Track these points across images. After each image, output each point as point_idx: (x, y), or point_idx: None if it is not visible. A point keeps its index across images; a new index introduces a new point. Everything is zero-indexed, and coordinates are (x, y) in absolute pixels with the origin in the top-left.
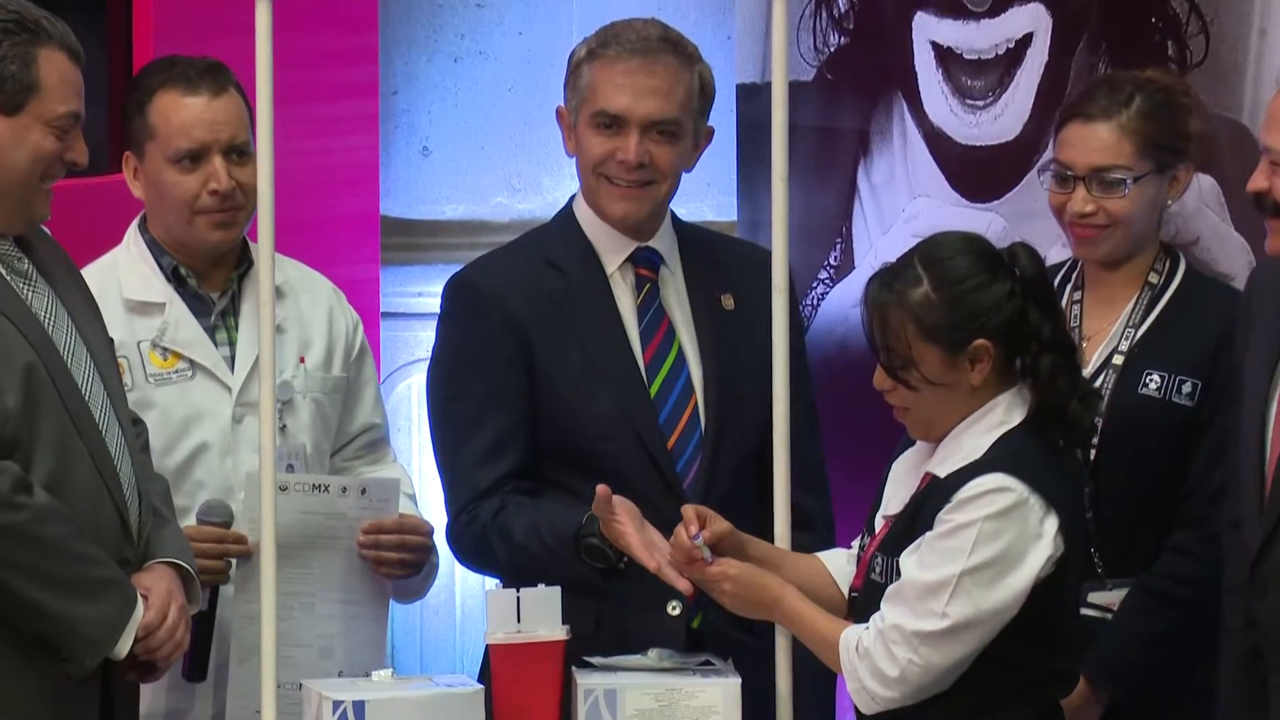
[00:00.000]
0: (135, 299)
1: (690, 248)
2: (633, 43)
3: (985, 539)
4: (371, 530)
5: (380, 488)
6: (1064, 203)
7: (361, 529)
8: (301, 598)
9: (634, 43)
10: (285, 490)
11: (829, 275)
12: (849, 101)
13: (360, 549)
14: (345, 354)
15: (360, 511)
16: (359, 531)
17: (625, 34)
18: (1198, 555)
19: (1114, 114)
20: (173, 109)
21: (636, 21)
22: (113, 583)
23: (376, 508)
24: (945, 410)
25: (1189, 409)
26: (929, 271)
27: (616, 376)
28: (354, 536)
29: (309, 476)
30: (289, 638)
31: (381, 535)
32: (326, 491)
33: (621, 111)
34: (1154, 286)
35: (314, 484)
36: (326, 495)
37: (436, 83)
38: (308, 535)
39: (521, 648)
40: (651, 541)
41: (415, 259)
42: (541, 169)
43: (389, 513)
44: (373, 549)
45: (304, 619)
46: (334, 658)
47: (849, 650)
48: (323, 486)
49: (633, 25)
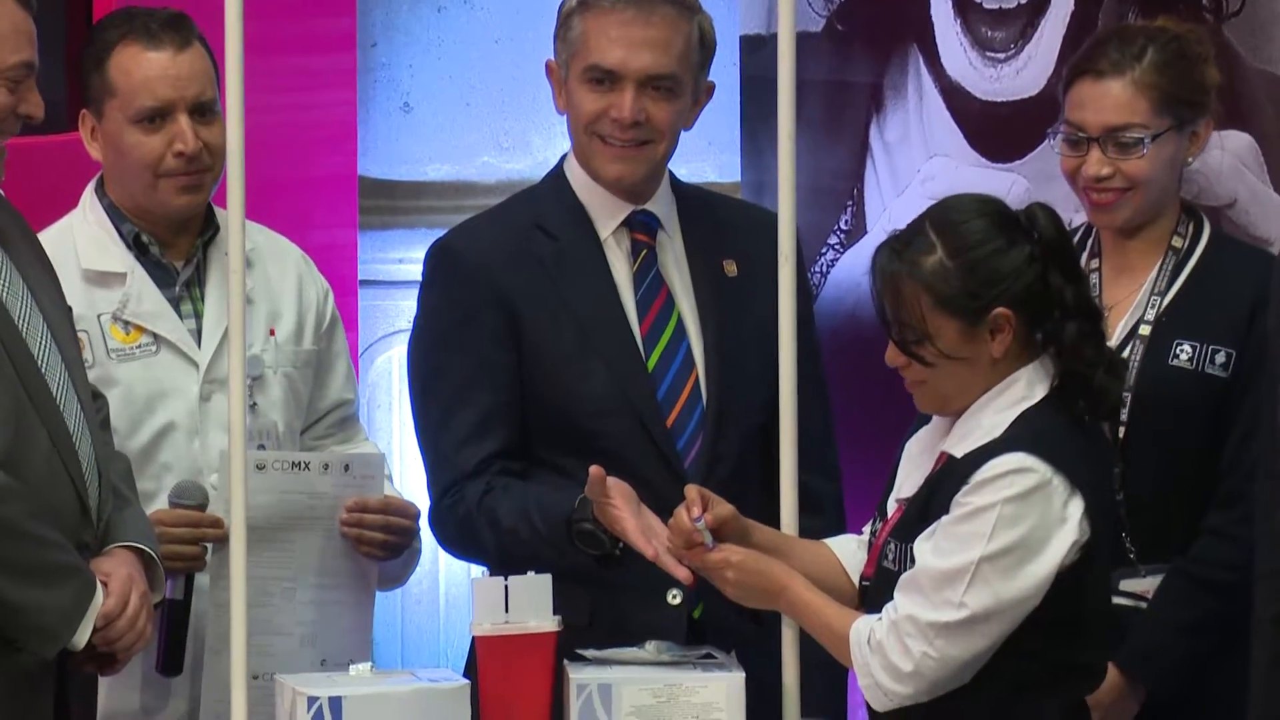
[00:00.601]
0: (94, 269)
1: (690, 211)
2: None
3: (1005, 523)
4: (355, 508)
5: (364, 464)
6: (1077, 166)
7: (345, 506)
8: (281, 583)
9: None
10: (263, 469)
11: (839, 240)
12: (860, 54)
13: (342, 526)
14: (316, 325)
15: (343, 490)
16: (341, 510)
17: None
18: (1237, 537)
19: (1126, 69)
20: (134, 64)
21: None
22: (70, 568)
23: (360, 484)
24: (963, 385)
25: (1223, 380)
26: (942, 237)
27: (611, 349)
28: (336, 517)
29: (288, 454)
30: (267, 626)
31: (365, 514)
32: (307, 469)
33: (615, 66)
34: (1178, 251)
35: (293, 462)
36: (307, 473)
37: (418, 34)
38: (288, 516)
39: (510, 640)
40: (649, 526)
41: (395, 223)
42: (531, 127)
43: (374, 490)
44: (355, 527)
45: (284, 606)
46: (316, 647)
47: (860, 643)
48: (303, 464)
49: None
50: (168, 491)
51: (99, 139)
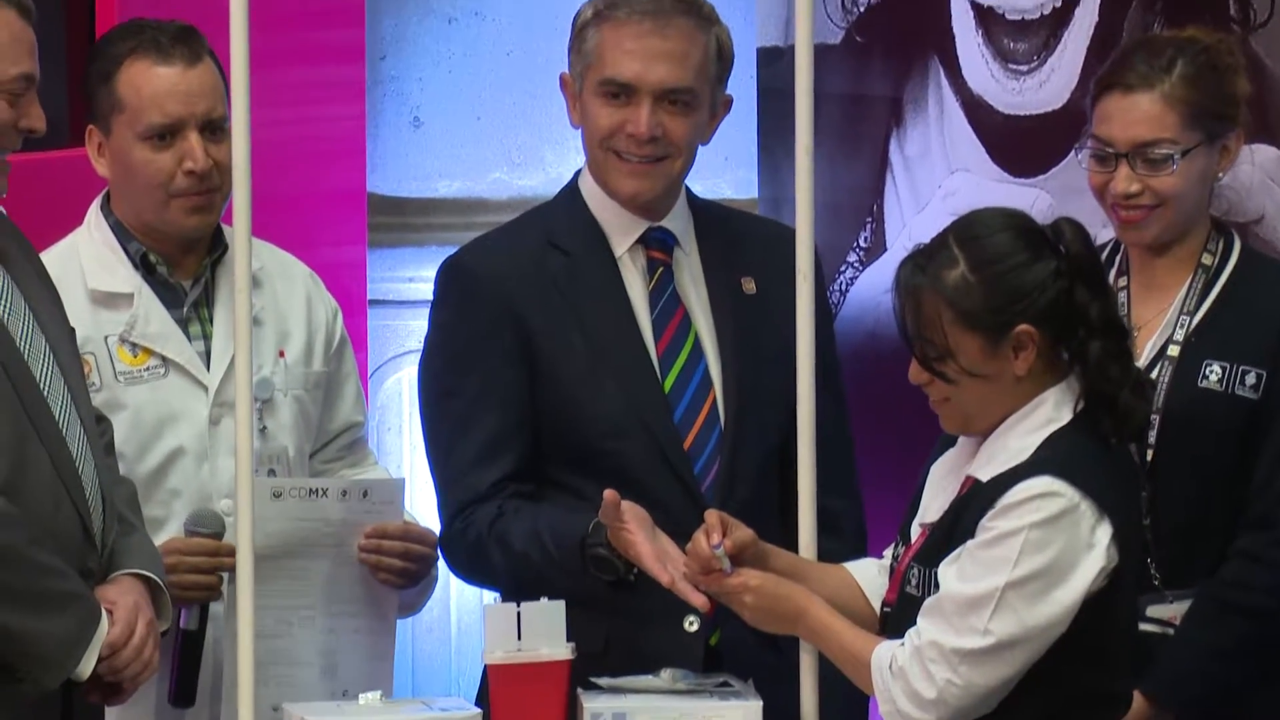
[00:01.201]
0: (100, 289)
1: (707, 227)
2: (644, 4)
3: (1032, 548)
4: (375, 535)
5: (383, 489)
6: (1106, 183)
7: (364, 533)
8: (300, 611)
9: (645, 4)
10: (280, 497)
11: (859, 258)
12: (880, 66)
13: (360, 553)
14: (325, 346)
15: (362, 516)
16: (360, 537)
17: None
18: (1269, 560)
19: (1155, 82)
20: (143, 80)
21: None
22: (74, 596)
23: (379, 511)
24: (987, 404)
25: (1254, 401)
26: (965, 251)
27: (626, 369)
28: (354, 544)
29: (304, 481)
30: (287, 656)
31: (385, 541)
32: (325, 496)
33: (632, 79)
34: (1208, 269)
35: (310, 489)
36: (325, 500)
37: (428, 46)
38: (305, 544)
39: (522, 668)
40: (664, 551)
41: (406, 240)
42: (543, 141)
43: (392, 516)
44: (374, 554)
45: (303, 635)
46: (337, 676)
47: (882, 668)
48: (320, 491)
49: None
50: (177, 517)
51: (106, 155)
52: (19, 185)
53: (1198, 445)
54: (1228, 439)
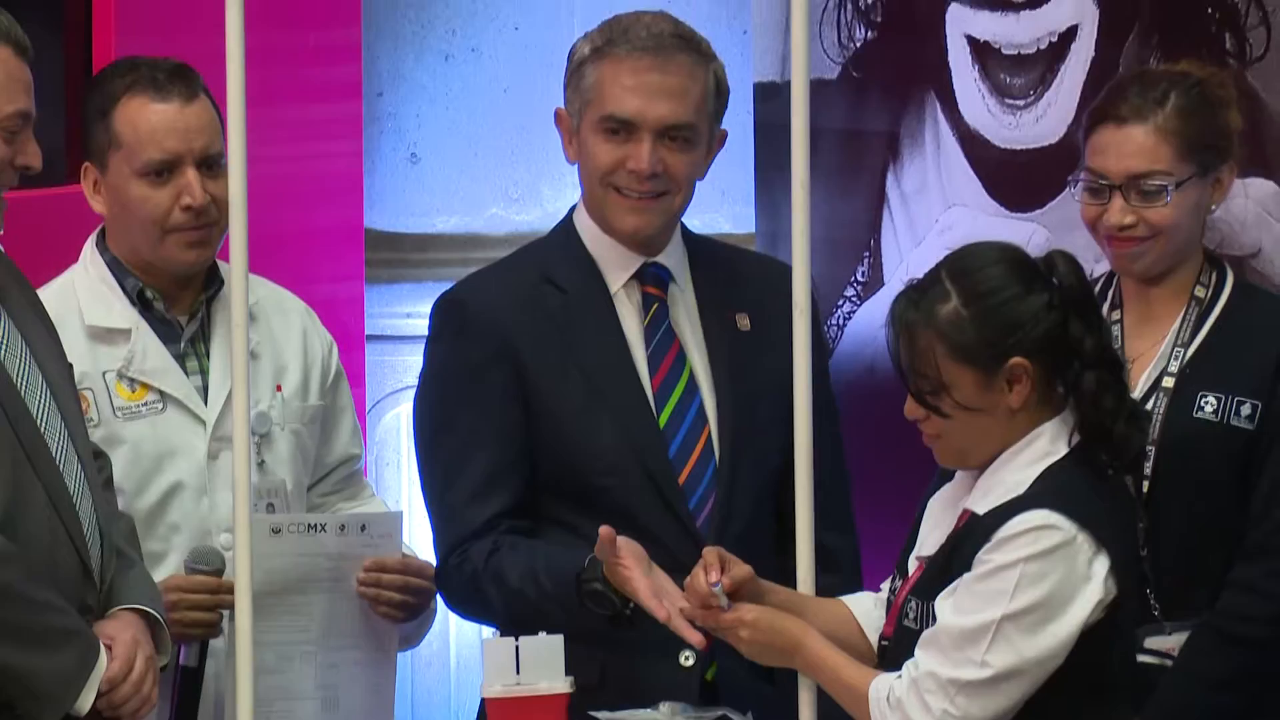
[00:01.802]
0: (98, 325)
1: (702, 263)
2: (643, 39)
3: (1028, 581)
4: (373, 568)
5: (381, 523)
6: (1099, 215)
7: (363, 566)
8: (301, 646)
9: (644, 40)
10: (279, 533)
11: (855, 292)
12: (877, 101)
13: (359, 587)
14: (322, 380)
15: (361, 550)
16: (359, 570)
17: (634, 29)
18: (1267, 591)
19: (1149, 114)
20: (141, 116)
21: (645, 15)
22: (72, 632)
23: (378, 544)
24: (982, 438)
25: (1250, 432)
26: (958, 285)
27: (622, 405)
28: (353, 578)
29: (303, 516)
30: (288, 691)
31: (384, 574)
32: (324, 531)
33: (632, 116)
34: (1201, 301)
35: (309, 524)
36: (323, 535)
37: (425, 83)
38: (305, 579)
39: (521, 701)
40: (661, 587)
41: (403, 276)
42: (540, 177)
43: (391, 549)
44: (373, 587)
45: (304, 670)
46: (338, 710)
47: (879, 700)
48: (319, 526)
49: (641, 19)
50: (177, 552)
51: (102, 192)
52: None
53: (1194, 476)
54: (1224, 470)
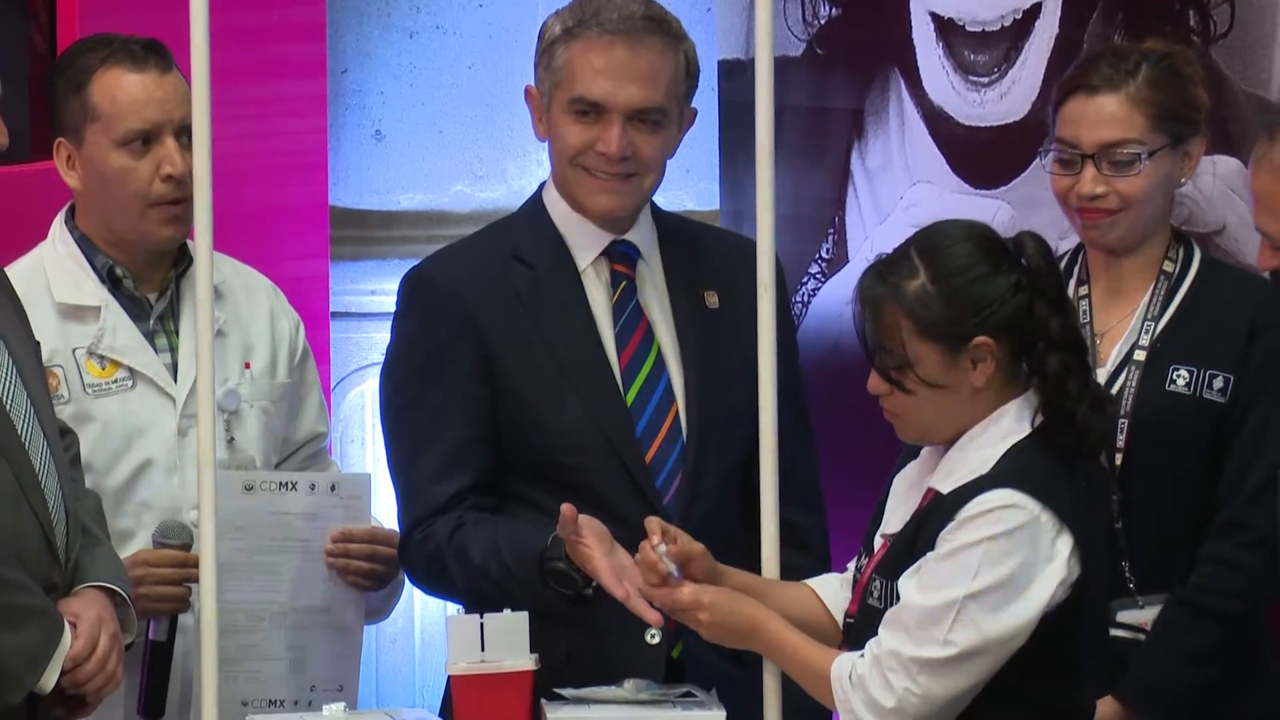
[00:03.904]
0: (68, 302)
1: (670, 240)
2: (614, 22)
3: (991, 560)
4: (340, 539)
5: (351, 484)
6: (1071, 186)
7: (330, 536)
8: (270, 607)
9: (615, 22)
10: (251, 490)
11: (820, 269)
12: (841, 79)
13: (327, 557)
14: (289, 358)
15: (330, 510)
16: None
17: (604, 10)
18: (1238, 564)
19: (1121, 84)
20: (119, 87)
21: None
22: (35, 610)
23: (347, 505)
24: (945, 415)
25: (1221, 405)
26: (926, 262)
27: (589, 383)
28: (325, 538)
29: (275, 474)
30: (256, 651)
31: (351, 544)
32: (294, 489)
33: (603, 99)
34: (1170, 275)
35: (280, 482)
36: (294, 494)
37: (390, 60)
38: (276, 538)
39: (486, 678)
40: (621, 566)
41: (368, 253)
42: (506, 155)
43: (361, 511)
44: (341, 557)
45: (273, 630)
46: (306, 671)
47: (841, 679)
48: (290, 484)
49: (612, 1)
50: (147, 529)
51: (77, 167)
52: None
53: (1167, 450)
54: (1197, 442)
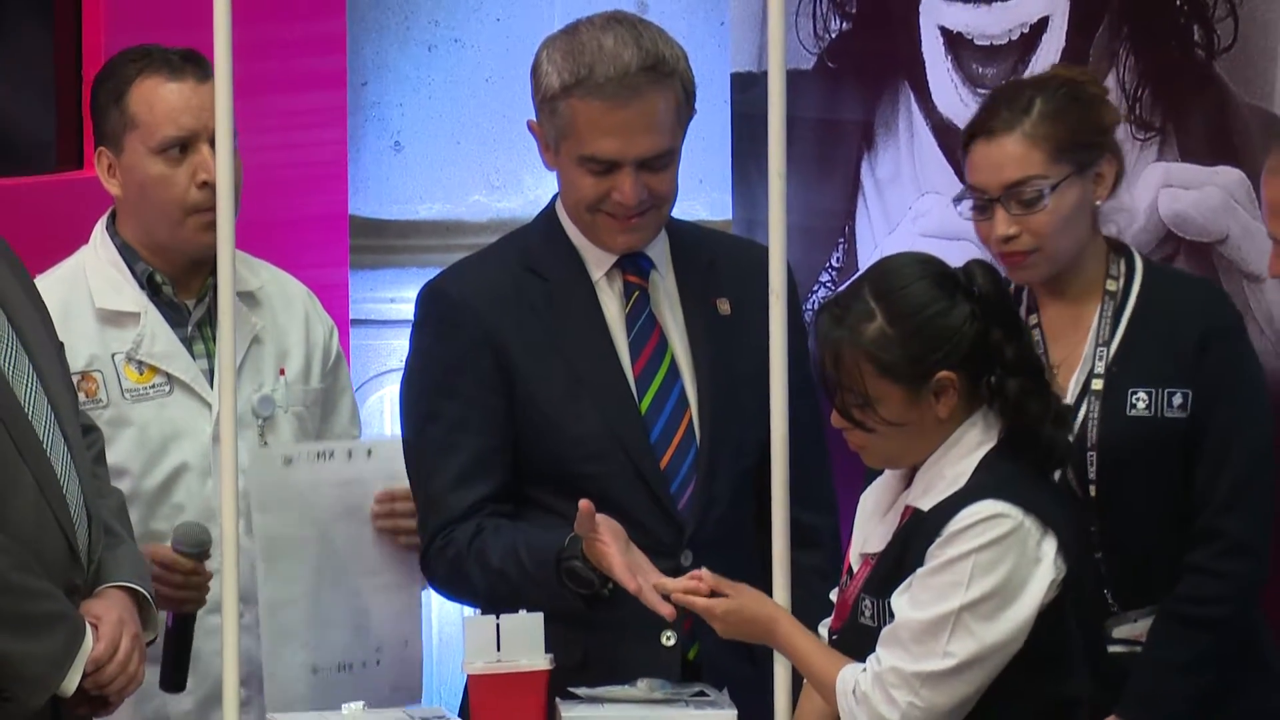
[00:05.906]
0: (108, 308)
1: (683, 249)
2: (613, 84)
3: (982, 570)
4: (384, 499)
5: (386, 447)
6: (989, 231)
7: (375, 498)
8: (329, 574)
9: (615, 83)
10: (291, 463)
11: (831, 278)
12: (851, 91)
13: (375, 520)
14: (323, 363)
15: (373, 474)
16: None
17: (599, 65)
18: (1219, 572)
19: (1016, 123)
20: (157, 96)
21: (607, 41)
22: (58, 616)
23: (385, 468)
24: (909, 446)
25: (1183, 420)
26: (882, 304)
27: (604, 392)
28: (368, 502)
29: (312, 445)
30: (320, 618)
31: (396, 504)
32: (333, 458)
33: (614, 156)
34: (1114, 295)
35: (319, 452)
36: (333, 462)
37: (409, 73)
38: (324, 507)
39: (502, 678)
40: (636, 563)
41: (386, 262)
42: (522, 165)
43: (399, 473)
44: (389, 518)
45: (334, 596)
46: (369, 635)
47: (845, 693)
48: (328, 453)
49: (604, 50)
50: None
51: (117, 175)
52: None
53: (1137, 473)
54: (1166, 461)
